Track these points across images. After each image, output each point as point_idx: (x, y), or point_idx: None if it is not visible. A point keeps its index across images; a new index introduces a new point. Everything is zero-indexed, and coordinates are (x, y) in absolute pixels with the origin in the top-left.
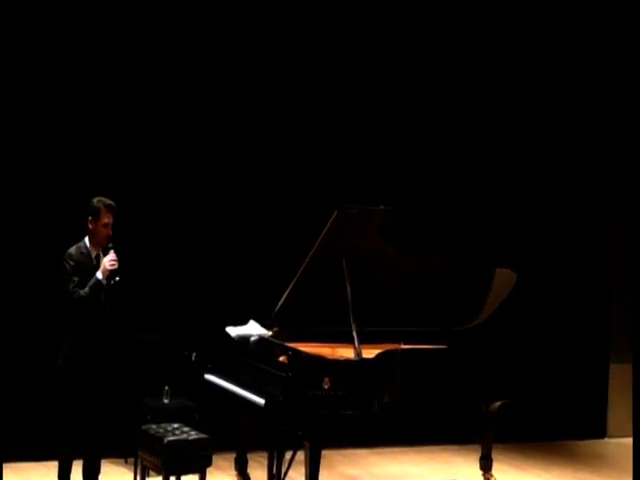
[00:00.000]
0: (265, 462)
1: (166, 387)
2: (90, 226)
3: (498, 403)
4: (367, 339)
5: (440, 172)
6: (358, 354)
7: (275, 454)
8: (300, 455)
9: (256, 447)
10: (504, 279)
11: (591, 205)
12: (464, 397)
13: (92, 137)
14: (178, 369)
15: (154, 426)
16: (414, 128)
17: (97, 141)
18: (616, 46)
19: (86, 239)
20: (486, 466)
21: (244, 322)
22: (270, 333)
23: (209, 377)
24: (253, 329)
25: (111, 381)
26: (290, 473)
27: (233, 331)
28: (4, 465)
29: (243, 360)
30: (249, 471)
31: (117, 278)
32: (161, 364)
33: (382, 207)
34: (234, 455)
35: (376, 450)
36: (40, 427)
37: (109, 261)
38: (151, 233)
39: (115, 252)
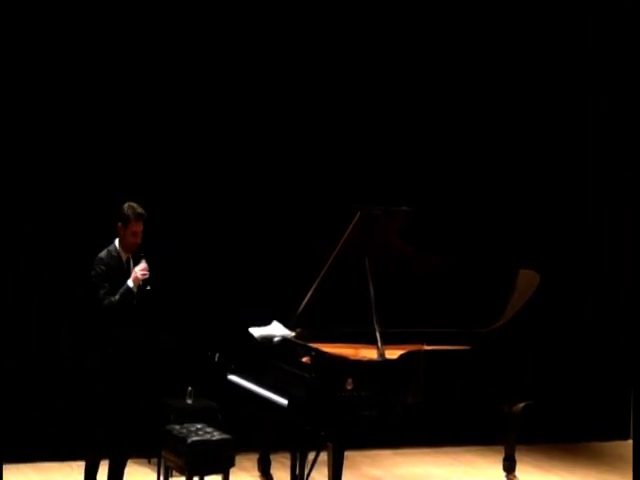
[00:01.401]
0: (288, 463)
1: (189, 388)
2: (120, 232)
3: (521, 404)
4: (390, 340)
5: (458, 173)
6: (381, 355)
7: (298, 455)
8: (323, 456)
9: (279, 448)
10: (527, 280)
11: (591, 205)
12: (487, 398)
13: (97, 135)
14: (201, 370)
15: (177, 426)
16: (432, 132)
17: (102, 139)
18: (616, 46)
19: (116, 242)
20: (509, 467)
21: (267, 323)
22: (293, 334)
23: (232, 378)
24: (276, 330)
25: (134, 382)
26: (313, 474)
27: (256, 332)
28: (28, 465)
29: (266, 361)
30: (272, 472)
31: (148, 287)
32: (184, 365)
33: (404, 208)
34: (257, 456)
35: (399, 451)
36: (64, 427)
37: (141, 270)
38: (176, 234)
39: (146, 261)
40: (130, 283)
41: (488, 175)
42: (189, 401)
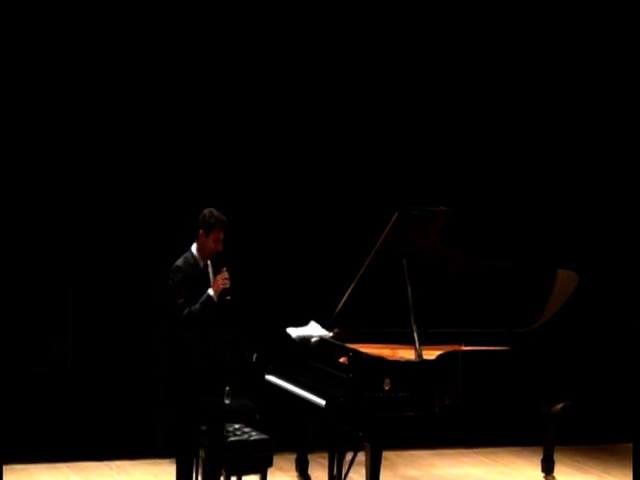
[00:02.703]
0: (326, 463)
1: (227, 388)
2: (200, 239)
3: (560, 405)
4: (428, 340)
5: (498, 172)
6: (419, 355)
7: (336, 455)
8: (361, 456)
9: (317, 448)
10: (566, 280)
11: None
12: (526, 399)
13: (166, 141)
14: (239, 370)
15: None
16: (472, 132)
17: (171, 145)
18: None
19: (193, 249)
20: (548, 468)
21: (305, 323)
22: (330, 334)
23: (270, 378)
24: (314, 330)
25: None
26: (351, 474)
27: (294, 332)
28: (67, 464)
29: (303, 361)
30: (310, 472)
31: (228, 297)
32: (222, 365)
33: (442, 208)
34: (295, 456)
35: (437, 451)
36: (103, 427)
37: (222, 279)
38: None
39: (228, 270)
40: (211, 292)
41: (530, 175)
42: (227, 401)
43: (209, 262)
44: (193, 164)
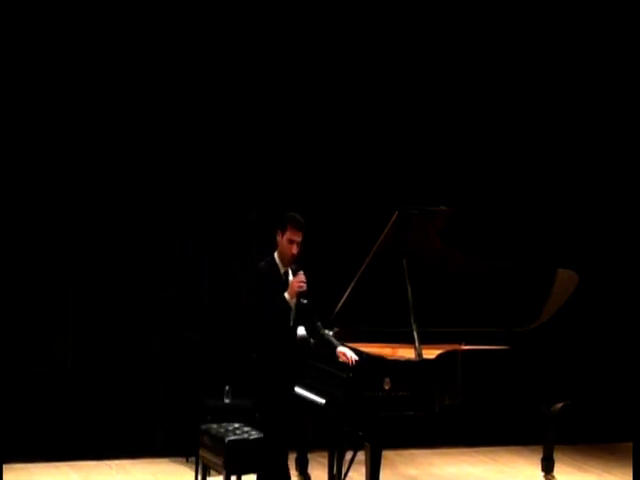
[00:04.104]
0: (326, 462)
1: (227, 387)
2: (277, 238)
3: (560, 404)
4: (427, 339)
5: (497, 172)
6: (419, 355)
7: (336, 454)
8: (361, 455)
9: (317, 447)
10: (566, 280)
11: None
12: (526, 398)
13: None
14: (239, 369)
15: (215, 426)
16: (472, 132)
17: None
18: None
19: (275, 254)
20: (548, 467)
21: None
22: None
23: None
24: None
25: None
26: (350, 473)
27: None
28: (66, 463)
29: (303, 360)
30: (310, 471)
31: (305, 301)
32: (222, 364)
33: (442, 207)
34: (295, 455)
35: (437, 450)
36: (102, 427)
37: (297, 282)
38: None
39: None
40: (287, 295)
41: (530, 175)
42: (227, 400)
43: (289, 270)
44: (193, 164)
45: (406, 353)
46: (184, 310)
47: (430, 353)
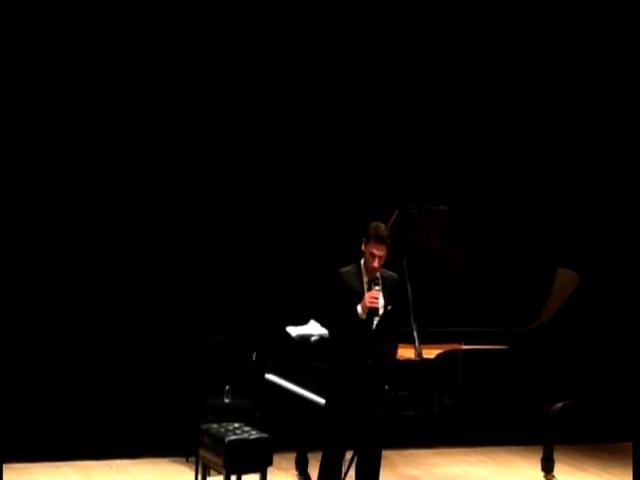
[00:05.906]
0: None
1: (227, 387)
2: (362, 247)
3: (560, 404)
4: (427, 339)
5: (497, 172)
6: (419, 354)
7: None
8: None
9: (317, 447)
10: (566, 280)
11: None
12: (525, 398)
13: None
14: (239, 369)
15: (215, 425)
16: (471, 131)
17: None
18: None
19: (362, 260)
20: (548, 467)
21: (305, 322)
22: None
23: (270, 377)
24: (313, 329)
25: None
26: (351, 473)
27: (294, 331)
28: (67, 463)
29: (303, 360)
30: (309, 471)
31: (376, 318)
32: (222, 364)
33: (442, 207)
34: (295, 454)
35: (437, 450)
36: (103, 427)
37: (370, 298)
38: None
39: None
40: (359, 308)
41: (530, 175)
42: (227, 400)
43: (375, 279)
44: (193, 164)
45: (406, 352)
46: (184, 310)
47: (430, 353)
